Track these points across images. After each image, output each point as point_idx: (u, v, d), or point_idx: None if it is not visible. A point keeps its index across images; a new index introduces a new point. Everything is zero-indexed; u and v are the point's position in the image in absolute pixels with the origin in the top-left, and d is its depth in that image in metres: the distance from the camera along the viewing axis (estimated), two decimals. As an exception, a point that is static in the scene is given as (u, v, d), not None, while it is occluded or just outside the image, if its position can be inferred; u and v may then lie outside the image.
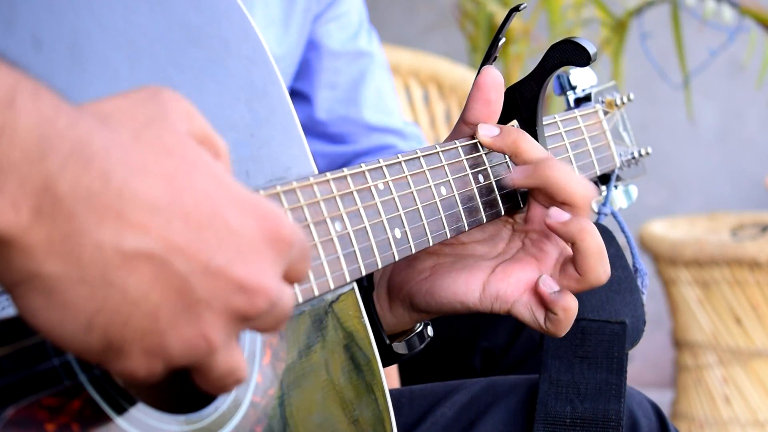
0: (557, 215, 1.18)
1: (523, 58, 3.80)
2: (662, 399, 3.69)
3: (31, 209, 0.70)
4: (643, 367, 4.34)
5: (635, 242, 3.83)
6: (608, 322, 1.35)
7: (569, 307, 1.19)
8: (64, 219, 0.71)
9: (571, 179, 1.19)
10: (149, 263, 0.74)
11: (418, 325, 1.29)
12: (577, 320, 1.36)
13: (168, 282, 0.74)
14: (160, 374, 0.78)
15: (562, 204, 1.19)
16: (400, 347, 1.26)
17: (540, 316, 1.20)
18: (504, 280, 1.22)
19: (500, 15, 3.69)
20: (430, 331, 1.30)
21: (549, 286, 1.20)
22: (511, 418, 1.33)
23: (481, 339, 1.88)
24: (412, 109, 3.13)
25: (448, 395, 1.38)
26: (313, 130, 1.93)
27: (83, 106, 0.76)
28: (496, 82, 1.22)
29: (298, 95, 1.94)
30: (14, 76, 0.71)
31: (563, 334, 1.21)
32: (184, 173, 0.76)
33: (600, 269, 1.19)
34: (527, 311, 1.20)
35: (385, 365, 1.18)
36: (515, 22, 3.73)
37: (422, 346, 1.29)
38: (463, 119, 1.24)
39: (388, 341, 1.24)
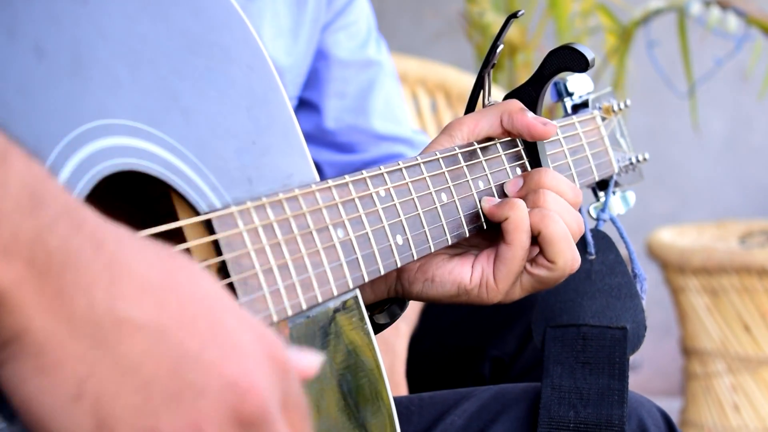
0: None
1: (530, 66, 3.81)
2: (671, 407, 3.69)
3: (24, 261, 0.69)
4: (652, 375, 4.33)
5: (643, 250, 3.80)
6: (609, 328, 1.36)
7: (514, 206, 1.20)
8: (55, 274, 0.69)
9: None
10: (142, 333, 0.71)
11: None
12: (577, 326, 1.36)
13: (161, 358, 0.72)
14: None
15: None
16: (381, 317, 1.27)
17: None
18: (488, 260, 1.23)
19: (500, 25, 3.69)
20: None
21: (490, 201, 1.22)
22: (521, 425, 1.34)
23: (490, 347, 1.88)
24: (420, 118, 3.13)
25: (457, 403, 1.38)
26: (322, 139, 1.94)
27: None
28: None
29: (306, 104, 1.94)
30: (7, 139, 0.71)
31: (523, 238, 1.21)
32: (186, 271, 0.75)
33: (568, 253, 1.22)
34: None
35: None
36: (524, 30, 3.73)
37: (402, 312, 1.29)
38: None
39: (367, 314, 1.25)
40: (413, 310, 1.90)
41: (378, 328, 1.26)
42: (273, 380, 0.76)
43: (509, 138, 1.29)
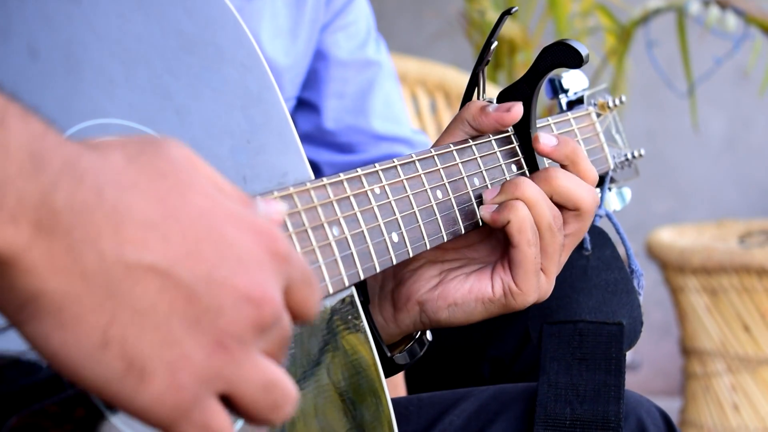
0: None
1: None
2: (671, 407, 3.69)
3: (31, 224, 0.70)
4: (652, 375, 4.33)
5: (643, 250, 3.80)
6: (605, 324, 1.36)
7: (513, 208, 1.20)
8: (63, 232, 0.71)
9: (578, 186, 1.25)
10: (153, 275, 0.73)
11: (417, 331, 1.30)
12: (574, 322, 1.36)
13: (174, 292, 0.74)
14: (189, 403, 0.75)
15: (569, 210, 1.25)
16: (401, 358, 1.27)
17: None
18: (504, 268, 1.24)
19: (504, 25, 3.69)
20: (428, 335, 1.31)
21: (488, 208, 1.23)
22: (520, 425, 1.34)
23: (490, 347, 1.87)
24: (420, 118, 3.13)
25: (456, 403, 1.38)
26: (322, 139, 1.93)
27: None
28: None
29: (306, 105, 1.93)
30: (3, 98, 0.72)
31: (529, 237, 1.21)
32: (178, 193, 0.76)
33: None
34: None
35: (387, 376, 1.18)
36: (523, 30, 3.73)
37: (422, 352, 1.29)
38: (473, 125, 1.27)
39: (389, 354, 1.25)
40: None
41: (397, 368, 1.26)
42: (278, 273, 0.79)
43: (505, 134, 1.29)
